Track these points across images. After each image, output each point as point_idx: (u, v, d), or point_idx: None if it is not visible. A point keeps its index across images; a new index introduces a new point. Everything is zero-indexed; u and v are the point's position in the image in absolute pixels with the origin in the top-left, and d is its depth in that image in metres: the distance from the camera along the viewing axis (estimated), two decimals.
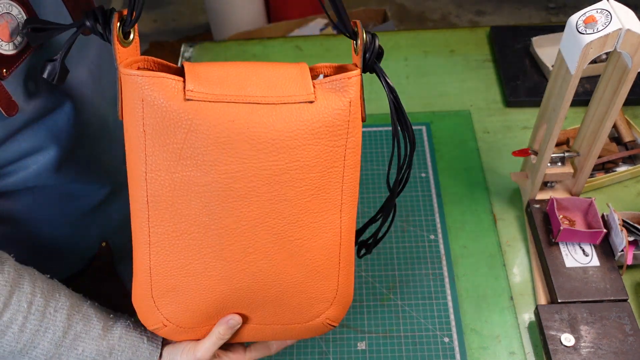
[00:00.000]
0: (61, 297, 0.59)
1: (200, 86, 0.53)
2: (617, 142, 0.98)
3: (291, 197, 0.56)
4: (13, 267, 0.56)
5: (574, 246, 0.84)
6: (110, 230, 0.78)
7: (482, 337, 0.80)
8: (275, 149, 0.54)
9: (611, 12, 0.69)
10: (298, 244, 0.59)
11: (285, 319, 0.62)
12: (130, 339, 0.62)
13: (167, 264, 0.58)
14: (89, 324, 0.60)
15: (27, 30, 0.54)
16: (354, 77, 0.57)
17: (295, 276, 0.60)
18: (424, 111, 1.08)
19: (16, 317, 0.54)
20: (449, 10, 2.68)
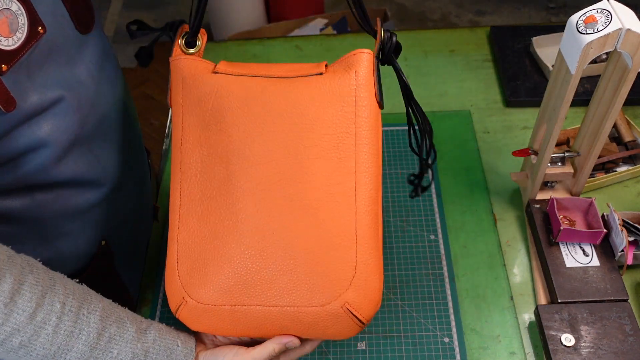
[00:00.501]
0: (93, 299, 0.58)
1: (227, 67, 0.62)
2: (617, 142, 0.98)
3: (302, 159, 0.59)
4: (43, 269, 0.55)
5: (574, 246, 0.84)
6: (109, 229, 0.78)
7: (482, 337, 0.80)
8: (287, 111, 0.59)
9: (611, 12, 0.69)
10: (309, 208, 0.58)
11: (299, 299, 0.58)
12: (165, 342, 0.61)
13: (191, 232, 0.60)
14: (123, 326, 0.58)
15: (132, 28, 0.67)
16: (362, 53, 0.61)
17: (307, 242, 0.58)
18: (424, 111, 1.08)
19: (49, 317, 0.53)
20: (449, 10, 2.68)
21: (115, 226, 0.79)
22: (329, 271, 0.57)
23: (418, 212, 0.93)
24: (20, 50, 0.55)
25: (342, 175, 0.59)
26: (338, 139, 0.59)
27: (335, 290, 0.57)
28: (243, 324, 0.60)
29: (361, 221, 0.59)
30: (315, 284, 0.57)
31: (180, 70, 0.63)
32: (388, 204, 0.94)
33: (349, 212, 0.58)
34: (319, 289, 0.57)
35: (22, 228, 0.67)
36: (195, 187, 0.60)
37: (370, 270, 0.58)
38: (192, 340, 0.63)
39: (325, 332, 0.60)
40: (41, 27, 0.57)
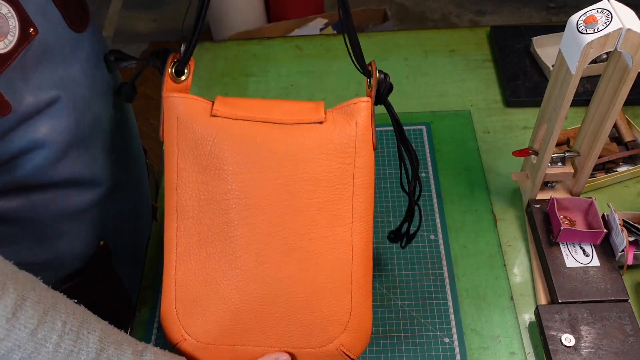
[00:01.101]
0: (92, 320, 0.57)
1: (226, 108, 0.62)
2: (617, 142, 0.98)
3: (302, 208, 0.60)
4: (45, 287, 0.55)
5: (575, 246, 0.84)
6: (108, 230, 0.78)
7: (482, 337, 0.80)
8: (287, 160, 0.60)
9: (612, 11, 0.69)
10: (308, 257, 0.61)
11: (297, 341, 0.62)
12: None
13: (190, 273, 0.61)
14: (120, 348, 0.58)
15: (110, 58, 0.66)
16: (362, 102, 0.62)
17: (306, 290, 0.61)
18: (424, 111, 1.08)
19: (51, 335, 0.53)
20: (449, 10, 2.68)
21: (113, 226, 0.79)
22: (326, 316, 0.61)
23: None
24: (12, 53, 0.54)
25: (339, 226, 0.61)
26: (337, 191, 0.61)
27: (332, 334, 0.62)
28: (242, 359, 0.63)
29: (356, 267, 0.62)
30: (313, 329, 0.61)
31: (175, 109, 0.62)
32: (388, 204, 0.94)
33: (346, 259, 0.61)
34: (316, 333, 0.62)
35: (19, 228, 0.67)
36: (193, 229, 0.61)
37: (363, 314, 0.63)
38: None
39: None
40: (32, 29, 0.56)
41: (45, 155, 0.62)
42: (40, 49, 0.58)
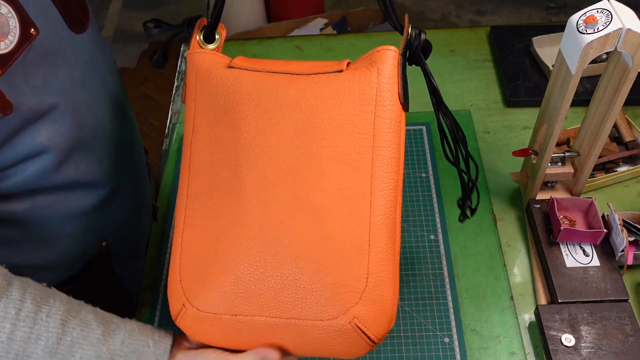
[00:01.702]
0: (55, 303, 0.55)
1: (243, 62, 0.60)
2: (617, 142, 0.98)
3: (313, 156, 0.55)
4: (2, 276, 0.53)
5: (575, 246, 0.84)
6: (110, 231, 0.78)
7: (482, 337, 0.80)
8: (299, 106, 0.56)
9: (612, 11, 0.69)
10: (319, 211, 0.54)
11: (305, 311, 0.53)
12: (134, 344, 0.58)
13: (195, 237, 0.57)
14: (87, 329, 0.56)
15: (149, 25, 0.64)
16: (384, 50, 0.59)
17: (316, 250, 0.53)
18: (424, 111, 1.08)
19: (3, 324, 0.51)
20: (449, 10, 2.68)
21: (115, 227, 0.79)
22: (338, 282, 0.53)
23: (418, 212, 0.93)
24: (14, 53, 0.54)
25: (356, 178, 0.55)
26: (355, 140, 0.55)
27: (344, 304, 0.53)
28: (244, 336, 0.56)
29: (375, 229, 0.54)
30: (322, 296, 0.53)
31: (195, 64, 0.61)
32: None
33: (362, 219, 0.54)
34: (326, 302, 0.53)
35: (22, 231, 0.67)
36: (203, 187, 0.57)
37: (383, 283, 0.54)
38: (169, 338, 0.60)
39: (330, 350, 0.55)
40: (33, 29, 0.56)
41: (49, 159, 0.62)
42: (42, 49, 0.58)
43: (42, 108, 0.59)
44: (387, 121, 0.56)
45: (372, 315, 0.53)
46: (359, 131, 0.56)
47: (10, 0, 0.54)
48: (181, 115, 1.11)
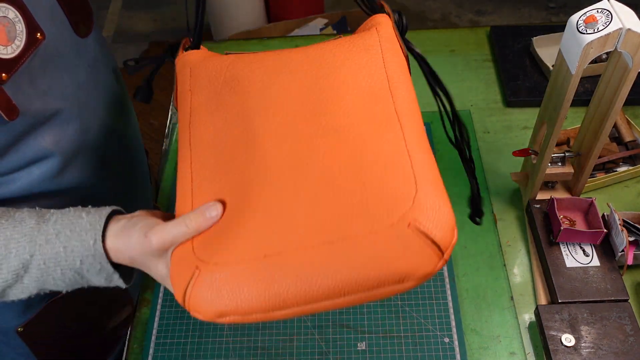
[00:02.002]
0: None
1: (239, 51, 0.61)
2: (617, 142, 0.98)
3: (330, 93, 0.53)
4: None
5: (575, 246, 0.84)
6: None
7: (482, 337, 0.80)
8: (307, 61, 0.58)
9: (612, 11, 0.69)
10: (347, 132, 0.49)
11: (352, 227, 0.44)
12: (67, 219, 0.55)
13: (207, 195, 0.50)
14: (20, 224, 0.54)
15: (129, 63, 0.65)
16: (378, 17, 0.61)
17: (351, 164, 0.47)
18: (424, 111, 1.07)
19: None
20: (449, 10, 2.68)
21: None
22: (383, 190, 0.45)
23: None
24: (20, 58, 0.55)
25: (379, 105, 0.51)
26: (369, 80, 0.53)
27: (397, 209, 0.44)
28: (280, 283, 0.43)
29: (410, 140, 0.49)
30: (369, 207, 0.45)
31: (187, 62, 0.61)
32: None
33: (394, 135, 0.48)
34: (375, 212, 0.44)
35: None
36: (209, 152, 0.52)
37: (434, 186, 0.46)
38: (105, 210, 0.56)
39: (396, 269, 0.43)
40: (40, 34, 0.57)
41: (53, 163, 0.62)
42: (47, 54, 0.58)
43: (47, 112, 0.59)
44: (397, 66, 0.57)
45: (431, 220, 0.44)
46: (371, 73, 0.54)
47: (17, 5, 0.54)
48: None
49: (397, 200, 0.44)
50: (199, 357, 0.80)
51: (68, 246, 0.53)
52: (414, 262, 0.43)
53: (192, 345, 0.80)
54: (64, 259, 0.54)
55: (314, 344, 0.80)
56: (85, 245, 0.53)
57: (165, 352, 0.80)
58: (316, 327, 0.82)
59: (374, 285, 0.43)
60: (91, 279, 0.55)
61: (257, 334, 0.81)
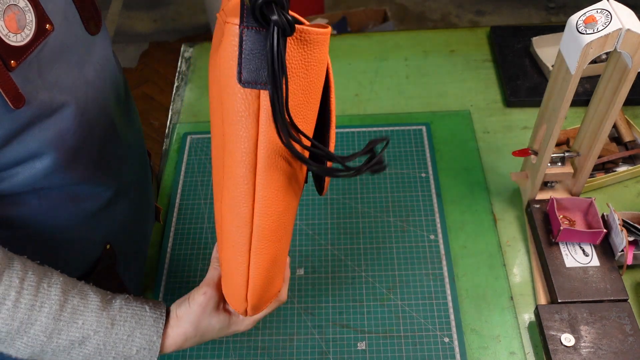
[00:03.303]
0: (54, 275, 0.58)
1: None
2: (617, 142, 0.98)
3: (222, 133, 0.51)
4: (2, 251, 0.56)
5: (574, 246, 0.84)
6: (114, 233, 0.78)
7: (482, 337, 0.80)
8: None
9: (611, 12, 0.69)
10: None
11: None
12: (132, 309, 0.60)
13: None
14: (86, 297, 0.58)
15: None
16: (227, 25, 0.46)
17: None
18: (424, 111, 1.08)
19: (9, 292, 0.53)
20: (449, 10, 2.68)
21: (119, 229, 0.79)
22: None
23: (418, 212, 0.93)
24: (29, 46, 0.55)
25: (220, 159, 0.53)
26: (218, 113, 0.51)
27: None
28: None
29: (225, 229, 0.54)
30: None
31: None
32: (388, 204, 0.94)
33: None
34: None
35: (29, 233, 0.67)
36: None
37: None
38: (162, 304, 0.63)
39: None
40: (49, 25, 0.57)
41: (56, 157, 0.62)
42: (57, 46, 0.59)
43: (53, 105, 0.59)
44: (227, 99, 0.48)
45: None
46: (215, 110, 0.52)
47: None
48: (181, 115, 1.11)
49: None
50: (199, 357, 0.80)
51: (131, 335, 0.59)
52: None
53: None
54: (123, 345, 0.59)
55: (314, 344, 0.80)
56: (146, 339, 0.60)
57: None
58: (316, 327, 0.82)
59: None
60: None
61: (257, 334, 0.82)
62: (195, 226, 0.94)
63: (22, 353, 0.56)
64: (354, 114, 1.08)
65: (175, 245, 0.92)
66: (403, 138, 1.03)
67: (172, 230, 0.93)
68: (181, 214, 0.95)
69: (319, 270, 0.87)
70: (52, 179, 0.64)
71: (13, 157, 0.59)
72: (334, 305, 0.84)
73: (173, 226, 0.94)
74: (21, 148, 0.59)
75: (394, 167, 0.99)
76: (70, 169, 0.64)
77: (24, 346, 0.55)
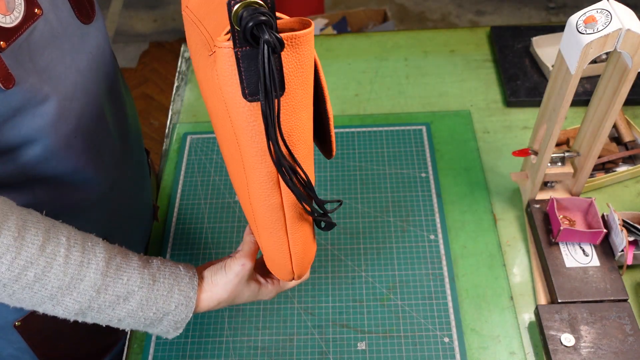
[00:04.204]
0: (94, 237, 0.60)
1: None
2: (617, 142, 0.98)
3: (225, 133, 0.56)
4: (41, 215, 0.58)
5: (574, 246, 0.84)
6: (109, 229, 0.78)
7: (482, 337, 0.80)
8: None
9: (611, 12, 0.69)
10: None
11: None
12: (168, 268, 0.63)
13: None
14: (127, 256, 0.61)
15: None
16: (218, 49, 0.48)
17: None
18: (424, 111, 1.08)
19: (58, 249, 0.55)
20: (449, 10, 2.68)
21: (115, 226, 0.79)
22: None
23: (418, 212, 0.93)
24: (19, 28, 0.56)
25: (239, 168, 0.55)
26: (226, 124, 0.53)
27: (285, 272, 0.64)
28: None
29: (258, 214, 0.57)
30: None
31: None
32: (388, 204, 0.94)
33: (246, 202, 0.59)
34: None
35: None
36: None
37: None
38: (192, 266, 0.66)
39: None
40: (37, 9, 0.58)
41: (48, 144, 0.62)
42: (47, 31, 0.60)
43: (44, 89, 0.60)
44: (237, 117, 0.50)
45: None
46: (225, 121, 0.53)
47: None
48: (181, 115, 1.11)
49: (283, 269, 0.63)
50: (199, 357, 0.80)
51: (170, 292, 0.61)
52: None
53: (192, 345, 0.80)
54: (163, 301, 0.61)
55: (314, 344, 0.80)
56: (184, 295, 0.62)
57: (165, 352, 0.80)
58: (316, 327, 0.82)
59: None
60: (162, 326, 0.63)
61: (257, 334, 0.82)
62: (195, 226, 0.94)
63: (69, 310, 0.57)
64: (354, 114, 1.08)
65: (175, 245, 0.92)
66: (403, 138, 1.03)
67: (172, 230, 0.93)
68: (181, 214, 0.95)
69: (319, 270, 0.87)
70: (45, 168, 0.64)
71: (4, 143, 0.60)
72: (334, 305, 0.84)
73: (173, 226, 0.94)
74: (13, 134, 0.60)
75: (394, 167, 0.99)
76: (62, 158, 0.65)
77: (72, 302, 0.57)
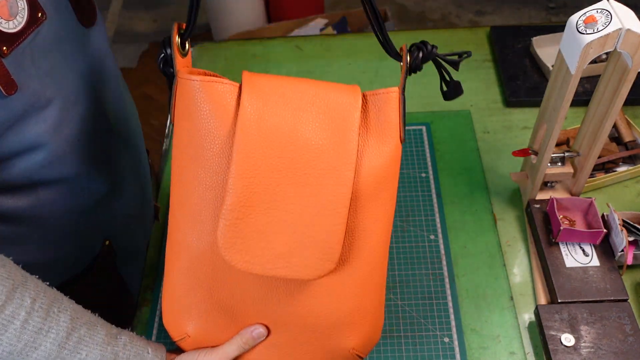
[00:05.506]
0: (64, 300, 0.57)
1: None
2: (617, 142, 0.98)
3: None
4: (16, 267, 0.55)
5: (574, 246, 0.84)
6: (112, 229, 0.78)
7: (482, 337, 0.80)
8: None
9: (611, 12, 0.69)
10: None
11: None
12: (135, 348, 0.60)
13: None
14: (93, 329, 0.57)
15: None
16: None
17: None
18: (424, 111, 1.08)
19: (19, 312, 0.52)
20: (449, 10, 2.68)
21: (118, 226, 0.79)
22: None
23: (418, 212, 0.93)
24: (22, 34, 0.56)
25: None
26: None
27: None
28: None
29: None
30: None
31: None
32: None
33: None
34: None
35: (28, 228, 0.67)
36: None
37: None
38: (162, 348, 0.63)
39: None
40: (41, 13, 0.58)
41: (52, 149, 0.62)
42: (50, 36, 0.59)
43: (47, 94, 0.60)
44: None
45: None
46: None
47: None
48: None
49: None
50: None
51: None
52: None
53: None
54: None
55: None
56: None
57: None
58: None
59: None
60: None
61: None
62: None
63: None
64: None
65: None
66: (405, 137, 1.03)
67: None
68: None
69: None
70: (49, 172, 0.64)
71: (9, 148, 0.59)
72: None
73: None
74: (17, 140, 0.59)
75: None
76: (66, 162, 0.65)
77: None
